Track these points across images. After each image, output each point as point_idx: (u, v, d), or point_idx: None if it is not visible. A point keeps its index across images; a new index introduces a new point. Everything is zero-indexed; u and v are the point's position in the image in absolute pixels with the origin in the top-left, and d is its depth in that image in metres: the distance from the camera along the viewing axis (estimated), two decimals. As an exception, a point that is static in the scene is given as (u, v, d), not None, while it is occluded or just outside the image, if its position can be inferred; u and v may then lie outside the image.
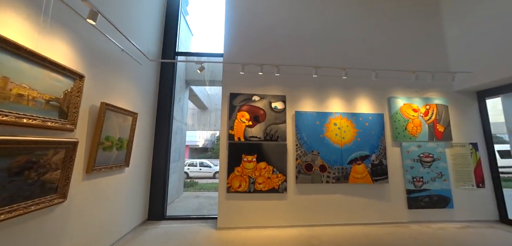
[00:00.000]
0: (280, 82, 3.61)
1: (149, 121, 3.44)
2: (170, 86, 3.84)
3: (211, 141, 30.15)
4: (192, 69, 6.20)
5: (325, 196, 3.31)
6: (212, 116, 12.93)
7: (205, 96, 10.77)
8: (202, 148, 26.90)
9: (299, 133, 3.40)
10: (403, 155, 3.53)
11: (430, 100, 3.76)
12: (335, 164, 3.36)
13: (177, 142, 5.03)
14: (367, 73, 3.62)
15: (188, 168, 10.97)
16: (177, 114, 5.23)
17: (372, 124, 3.55)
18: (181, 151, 5.34)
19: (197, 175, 10.92)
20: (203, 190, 7.02)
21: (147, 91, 3.38)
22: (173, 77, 3.90)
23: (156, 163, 3.52)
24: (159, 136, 3.60)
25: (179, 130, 5.35)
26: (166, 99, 3.77)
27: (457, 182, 3.52)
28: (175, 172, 4.81)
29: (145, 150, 3.31)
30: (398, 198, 3.40)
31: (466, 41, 3.80)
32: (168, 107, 3.76)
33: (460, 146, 3.67)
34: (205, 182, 9.66)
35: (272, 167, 3.27)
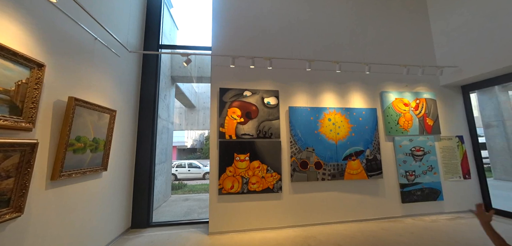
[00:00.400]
0: (272, 77, 3.45)
1: (130, 119, 3.12)
2: (153, 82, 3.53)
3: (200, 141, 29.46)
4: (178, 65, 5.85)
5: (321, 193, 3.21)
6: (200, 115, 12.52)
7: (192, 95, 10.37)
8: (191, 149, 26.15)
9: (293, 129, 3.27)
10: (396, 149, 3.53)
11: (419, 95, 3.81)
12: (330, 161, 3.28)
13: (163, 142, 4.70)
14: (359, 67, 3.58)
15: (176, 170, 10.52)
16: (163, 112, 4.89)
17: (366, 119, 3.51)
18: (168, 152, 5.01)
19: (186, 177, 10.50)
20: (192, 192, 6.70)
21: (127, 86, 3.06)
22: (156, 72, 3.59)
23: (139, 165, 3.21)
24: (143, 136, 3.29)
25: (165, 129, 5.01)
26: (149, 96, 3.46)
27: (446, 175, 3.60)
28: (162, 174, 4.49)
29: (126, 151, 2.99)
30: (392, 193, 3.39)
31: (450, 37, 3.90)
32: (152, 104, 3.45)
33: (447, 139, 3.76)
34: (195, 183, 9.30)
35: (266, 165, 3.10)
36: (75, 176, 1.97)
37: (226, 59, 3.27)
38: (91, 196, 2.27)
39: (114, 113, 2.51)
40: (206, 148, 23.62)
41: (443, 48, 4.01)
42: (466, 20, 3.67)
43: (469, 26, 3.63)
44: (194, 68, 6.04)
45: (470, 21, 3.61)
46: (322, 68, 3.56)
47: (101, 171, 2.39)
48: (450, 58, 3.84)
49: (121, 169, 2.87)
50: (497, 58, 3.20)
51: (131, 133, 3.14)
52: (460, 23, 3.76)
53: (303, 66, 3.44)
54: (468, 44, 3.61)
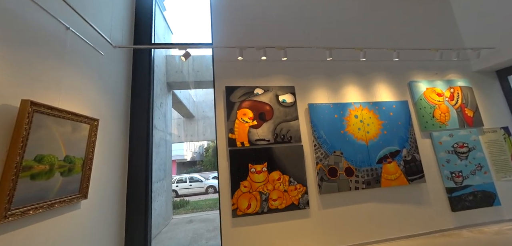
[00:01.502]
0: (286, 71, 2.96)
1: (119, 130, 2.57)
2: (146, 86, 3.01)
3: (199, 153, 28.71)
4: (174, 70, 5.39)
5: (355, 206, 2.63)
6: (200, 125, 11.95)
7: (191, 104, 9.87)
8: (191, 162, 25.38)
9: (316, 131, 2.73)
10: (435, 147, 3.00)
11: (453, 83, 3.33)
12: (362, 165, 2.72)
13: (161, 156, 4.13)
14: (382, 56, 3.12)
15: (177, 186, 9.81)
16: (159, 122, 4.34)
17: (397, 113, 3.00)
18: (167, 167, 4.42)
19: (187, 192, 9.79)
20: (197, 210, 6.03)
21: (115, 91, 2.53)
22: (150, 74, 3.08)
23: (132, 186, 2.62)
24: (136, 150, 2.72)
25: (163, 141, 4.45)
26: (142, 102, 2.93)
27: (497, 174, 3.05)
28: (161, 193, 3.88)
29: (115, 170, 2.42)
30: (439, 200, 2.82)
31: (476, 16, 3.49)
32: (146, 112, 2.91)
33: (492, 132, 3.24)
34: (198, 199, 8.60)
35: (287, 176, 2.54)
36: (35, 212, 1.39)
37: (230, 53, 2.78)
38: (64, 236, 1.68)
39: (96, 124, 1.97)
40: (206, 160, 22.86)
41: (469, 29, 3.59)
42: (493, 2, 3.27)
43: (498, 3, 3.23)
44: (192, 73, 5.58)
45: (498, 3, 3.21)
46: (341, 58, 3.08)
47: (79, 200, 1.81)
48: (481, 40, 3.40)
49: (109, 193, 2.28)
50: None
51: (121, 147, 2.58)
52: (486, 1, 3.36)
53: (319, 57, 2.96)
54: (501, 22, 3.19)
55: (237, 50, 2.47)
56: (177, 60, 5.83)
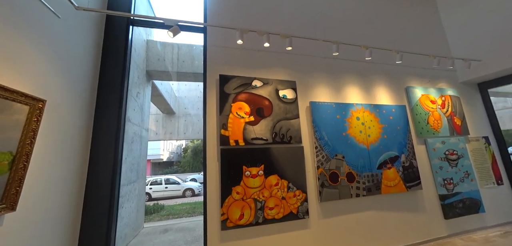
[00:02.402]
0: (287, 64, 2.68)
1: (78, 120, 2.00)
2: (120, 69, 2.47)
3: (177, 153, 27.22)
4: (156, 57, 4.77)
5: (356, 215, 2.43)
6: (181, 123, 11.10)
7: (172, 99, 9.10)
8: (167, 162, 23.83)
9: (318, 131, 2.49)
10: (429, 154, 2.98)
11: (444, 91, 3.40)
12: (363, 170, 2.55)
13: (134, 153, 3.53)
14: (381, 58, 3.05)
15: (150, 188, 8.90)
16: (135, 115, 3.74)
17: (397, 118, 2.92)
18: (140, 167, 3.81)
19: (162, 196, 8.93)
20: (173, 216, 5.40)
21: (75, 68, 1.97)
22: (126, 55, 2.54)
23: (93, 192, 2.06)
24: (101, 146, 2.17)
25: (138, 138, 3.84)
26: (113, 88, 2.37)
27: (481, 181, 3.15)
28: (131, 198, 3.28)
29: (68, 171, 1.85)
30: (433, 207, 2.78)
31: (463, 30, 3.65)
32: (117, 100, 2.37)
33: (475, 140, 3.36)
34: (174, 203, 7.86)
35: (286, 181, 2.24)
36: None
37: (226, 37, 2.41)
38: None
39: (41, 106, 1.43)
40: (184, 160, 21.64)
41: (457, 42, 3.74)
42: (480, 12, 3.44)
43: (483, 18, 3.40)
44: (177, 63, 5.00)
45: (485, 13, 3.39)
46: (343, 56, 2.92)
47: (1, 214, 1.26)
48: (467, 53, 3.55)
49: (56, 203, 1.71)
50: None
51: (80, 141, 2.01)
52: (472, 16, 3.53)
53: (323, 52, 2.76)
54: (485, 38, 3.36)
55: (237, 32, 2.11)
56: (159, 47, 5.21)
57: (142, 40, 4.65)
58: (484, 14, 3.40)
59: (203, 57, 2.45)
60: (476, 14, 3.50)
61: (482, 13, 3.44)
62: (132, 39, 2.97)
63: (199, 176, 14.19)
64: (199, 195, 9.80)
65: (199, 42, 4.97)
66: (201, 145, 21.58)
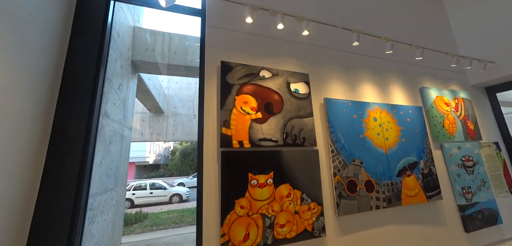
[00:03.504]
0: (299, 55, 2.33)
1: (31, 109, 1.50)
2: (95, 51, 1.97)
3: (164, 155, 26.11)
4: (143, 47, 4.25)
5: (376, 230, 2.10)
6: (170, 123, 10.41)
7: (161, 96, 8.48)
8: (153, 165, 22.66)
9: (334, 133, 2.15)
10: (446, 160, 2.75)
11: (456, 94, 3.21)
12: (383, 178, 2.24)
13: (113, 156, 2.99)
14: (395, 55, 2.80)
15: (133, 193, 8.14)
16: (115, 110, 3.20)
17: (414, 120, 2.66)
18: (119, 172, 3.26)
19: (146, 202, 8.20)
20: (157, 227, 4.81)
21: (29, 43, 1.47)
22: (104, 35, 2.05)
23: (46, 208, 1.54)
24: (63, 144, 1.66)
25: (118, 137, 3.30)
26: (84, 73, 1.88)
27: (495, 189, 2.97)
28: (107, 209, 2.73)
29: (8, 182, 1.34)
30: (453, 219, 2.53)
31: (471, 31, 3.53)
32: (89, 90, 1.87)
33: (487, 146, 3.20)
34: (159, 210, 7.19)
35: (299, 191, 1.86)
36: None
37: (229, 17, 2.02)
38: None
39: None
40: (172, 163, 20.65)
41: (465, 43, 3.61)
42: (490, 12, 3.33)
43: (493, 19, 3.29)
44: (168, 54, 4.50)
45: (494, 14, 3.27)
46: (356, 51, 2.63)
47: None
48: (476, 55, 3.41)
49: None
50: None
51: (32, 139, 1.51)
52: (481, 16, 3.41)
53: (337, 44, 2.44)
54: (495, 39, 3.24)
55: (246, 9, 1.72)
56: (147, 36, 4.68)
57: (127, 26, 4.12)
58: (494, 14, 3.28)
59: (200, 39, 2.03)
60: (485, 14, 3.38)
61: (491, 13, 3.32)
62: (114, 18, 2.49)
63: (187, 180, 13.47)
64: (187, 201, 9.17)
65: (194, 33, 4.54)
66: (190, 147, 20.70)
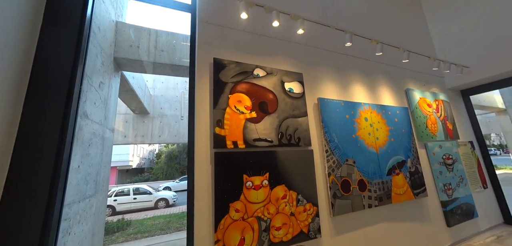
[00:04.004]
0: (293, 54, 2.31)
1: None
2: (71, 43, 1.78)
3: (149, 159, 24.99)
4: (127, 43, 3.99)
5: (369, 228, 2.13)
6: (156, 124, 9.90)
7: (146, 97, 8.06)
8: (137, 169, 21.51)
9: (328, 133, 2.14)
10: (430, 158, 2.89)
11: (437, 96, 3.41)
12: (374, 177, 2.28)
13: (93, 160, 2.73)
14: (383, 57, 2.91)
15: (115, 199, 7.61)
16: (95, 111, 2.94)
17: (401, 120, 2.76)
18: (101, 177, 2.99)
19: (130, 208, 7.70)
20: (142, 235, 4.51)
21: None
22: (82, 25, 1.86)
23: (11, 221, 1.34)
24: (30, 148, 1.46)
25: (99, 139, 3.03)
26: (58, 67, 1.68)
27: (472, 185, 3.19)
28: (86, 219, 2.47)
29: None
30: (436, 214, 2.66)
31: (448, 37, 3.79)
32: (64, 87, 1.67)
33: (464, 145, 3.44)
34: (144, 216, 6.80)
35: (295, 192, 1.82)
36: None
37: (222, 13, 1.94)
38: None
39: None
40: (157, 167, 19.74)
41: (442, 49, 3.86)
42: (465, 21, 3.60)
43: (468, 27, 3.56)
44: (154, 52, 4.26)
45: (470, 23, 3.54)
46: (350, 52, 2.69)
47: None
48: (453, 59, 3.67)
49: None
50: (505, 60, 3.06)
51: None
52: (459, 24, 3.68)
53: (329, 45, 2.46)
54: (469, 45, 3.51)
55: (241, 4, 1.65)
56: (131, 33, 4.40)
57: (110, 20, 3.83)
58: (469, 22, 3.54)
59: (190, 35, 1.92)
60: (460, 21, 3.64)
61: (466, 21, 3.58)
62: (94, 11, 2.30)
63: (174, 183, 12.95)
64: (174, 205, 8.78)
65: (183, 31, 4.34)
66: (176, 150, 19.97)
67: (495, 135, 23.45)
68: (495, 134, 22.52)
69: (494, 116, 11.77)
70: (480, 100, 7.88)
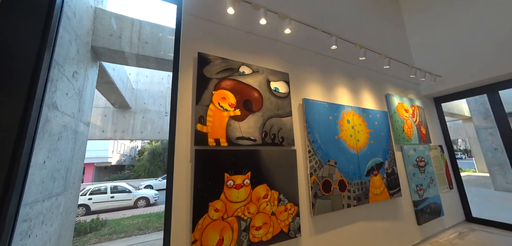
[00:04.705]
0: (279, 53, 2.30)
1: None
2: (39, 24, 1.60)
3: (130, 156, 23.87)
4: (107, 32, 3.72)
5: (347, 227, 2.20)
6: (138, 120, 9.39)
7: (128, 91, 7.63)
8: (117, 166, 20.41)
9: (311, 133, 2.17)
10: (405, 160, 3.07)
11: (413, 102, 3.63)
12: (354, 178, 2.37)
13: (62, 155, 2.51)
14: (365, 62, 3.03)
15: (90, 198, 7.13)
16: (67, 102, 2.71)
17: (381, 123, 2.89)
18: (70, 174, 2.75)
19: (106, 207, 7.26)
20: (118, 235, 4.26)
21: None
22: (51, 5, 1.68)
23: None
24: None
25: (71, 133, 2.80)
26: (22, 49, 1.50)
27: (440, 186, 3.44)
28: (50, 219, 2.25)
29: None
30: (408, 213, 2.83)
31: (424, 47, 4.06)
32: (27, 74, 1.50)
33: (434, 148, 3.70)
34: (121, 216, 6.45)
35: (277, 192, 1.82)
36: None
37: (208, 7, 1.87)
38: None
39: None
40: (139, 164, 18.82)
41: (419, 58, 4.12)
42: (440, 32, 3.88)
43: (442, 38, 3.84)
44: (138, 43, 4.01)
45: (445, 34, 3.82)
46: (335, 55, 2.75)
47: None
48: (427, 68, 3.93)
49: None
50: (471, 72, 3.35)
51: None
52: (435, 36, 3.95)
53: (316, 47, 2.50)
54: (442, 55, 3.78)
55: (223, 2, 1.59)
56: (112, 21, 4.11)
57: (87, 5, 3.54)
58: (444, 33, 3.81)
59: (176, 27, 1.83)
60: (437, 35, 3.90)
61: (442, 35, 3.85)
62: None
63: (156, 182, 12.46)
64: (155, 205, 8.44)
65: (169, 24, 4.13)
66: (160, 147, 19.21)
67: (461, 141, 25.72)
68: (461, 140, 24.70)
69: (461, 124, 12.93)
70: (449, 108, 8.56)
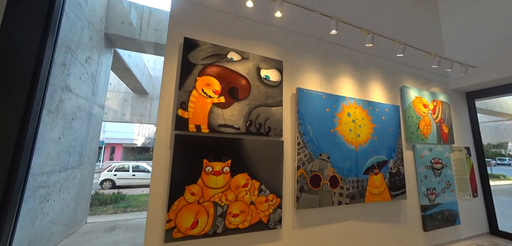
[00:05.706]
0: (273, 39, 2.17)
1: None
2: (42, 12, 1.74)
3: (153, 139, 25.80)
4: (119, 19, 3.90)
5: (337, 225, 2.11)
6: (155, 106, 10.01)
7: (145, 77, 8.05)
8: (142, 148, 22.25)
9: (302, 125, 2.07)
10: (416, 161, 2.77)
11: (436, 96, 3.19)
12: (349, 175, 2.22)
13: (76, 133, 2.80)
14: (379, 50, 2.70)
15: (115, 174, 8.00)
16: (82, 86, 2.97)
17: (389, 118, 2.62)
18: (85, 151, 3.07)
19: (128, 183, 8.09)
20: (131, 209, 4.73)
21: None
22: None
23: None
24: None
25: (86, 115, 3.09)
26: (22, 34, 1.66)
27: (459, 192, 3.06)
28: (67, 188, 2.59)
29: None
30: (414, 218, 2.60)
31: (460, 35, 3.45)
32: (33, 54, 1.66)
33: (458, 150, 3.26)
34: (140, 192, 7.13)
35: (258, 182, 1.80)
36: None
37: (197, -12, 1.81)
38: None
39: None
40: (161, 146, 20.29)
41: (453, 47, 3.54)
42: (479, 19, 3.24)
43: (481, 26, 3.21)
44: (149, 31, 4.16)
45: (484, 21, 3.19)
46: (340, 41, 2.50)
47: None
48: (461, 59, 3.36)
49: None
50: None
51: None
52: (471, 22, 3.33)
53: (313, 32, 2.29)
54: (481, 46, 3.19)
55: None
56: (126, 7, 4.29)
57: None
58: (483, 21, 3.19)
59: (169, 13, 1.83)
60: (475, 20, 3.28)
61: (481, 20, 3.23)
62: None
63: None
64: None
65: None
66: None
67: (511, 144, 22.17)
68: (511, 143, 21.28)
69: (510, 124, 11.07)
70: (490, 106, 7.36)
